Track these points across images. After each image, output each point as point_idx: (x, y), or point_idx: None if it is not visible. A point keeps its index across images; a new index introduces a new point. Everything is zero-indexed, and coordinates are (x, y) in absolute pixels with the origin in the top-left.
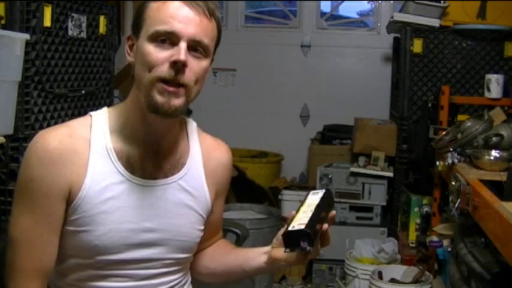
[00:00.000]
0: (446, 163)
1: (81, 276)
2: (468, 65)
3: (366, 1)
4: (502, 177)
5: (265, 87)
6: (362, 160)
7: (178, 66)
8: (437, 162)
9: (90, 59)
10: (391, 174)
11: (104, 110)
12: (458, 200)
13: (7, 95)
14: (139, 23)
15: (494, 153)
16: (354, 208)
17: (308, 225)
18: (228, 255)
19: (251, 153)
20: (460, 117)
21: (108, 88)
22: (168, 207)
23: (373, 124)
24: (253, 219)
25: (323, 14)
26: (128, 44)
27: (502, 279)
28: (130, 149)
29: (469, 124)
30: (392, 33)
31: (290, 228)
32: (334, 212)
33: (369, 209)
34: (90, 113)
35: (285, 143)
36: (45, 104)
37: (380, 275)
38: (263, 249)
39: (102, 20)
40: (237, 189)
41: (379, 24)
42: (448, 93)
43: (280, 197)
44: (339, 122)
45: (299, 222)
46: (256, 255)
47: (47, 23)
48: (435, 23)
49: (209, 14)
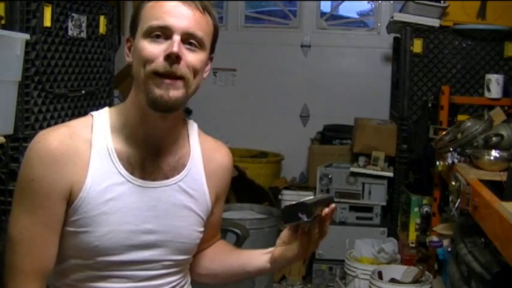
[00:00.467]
0: (446, 163)
1: (80, 277)
2: (468, 65)
3: (366, 1)
4: (502, 177)
5: (265, 87)
6: (362, 160)
7: (172, 58)
8: (437, 162)
9: (90, 59)
10: (391, 174)
11: (105, 110)
12: (458, 200)
13: (7, 95)
14: (135, 24)
15: (494, 153)
16: (354, 208)
17: (306, 200)
18: (228, 256)
19: (251, 153)
20: (460, 117)
21: (108, 88)
22: (168, 208)
23: (373, 124)
24: (253, 219)
25: (323, 14)
26: (127, 45)
27: (502, 279)
28: (131, 150)
29: (469, 124)
30: (392, 33)
31: (288, 204)
32: (334, 205)
33: (368, 209)
34: (92, 113)
35: (285, 143)
36: (45, 104)
37: (380, 275)
38: (266, 250)
39: (102, 20)
40: (237, 189)
41: (379, 24)
42: (448, 93)
43: (280, 197)
44: (339, 122)
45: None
46: (259, 255)
47: (47, 23)
48: (435, 23)
49: (202, 9)
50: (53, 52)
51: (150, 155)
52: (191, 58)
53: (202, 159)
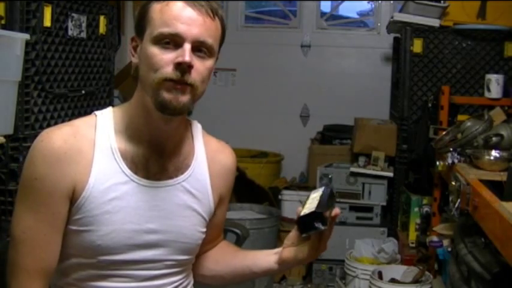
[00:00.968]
0: (446, 163)
1: (82, 276)
2: (468, 65)
3: (366, 1)
4: (502, 177)
5: (265, 87)
6: (362, 160)
7: (183, 67)
8: (437, 162)
9: (90, 59)
10: (391, 174)
11: (109, 109)
12: (458, 200)
13: (7, 95)
14: (142, 25)
15: (494, 153)
16: (354, 208)
17: (318, 207)
18: (234, 257)
19: (251, 153)
20: (460, 117)
21: (108, 88)
22: (171, 208)
23: (373, 124)
24: (253, 219)
25: (323, 14)
26: (132, 45)
27: (502, 279)
28: (135, 150)
29: (469, 124)
30: (392, 33)
31: (301, 214)
32: (338, 210)
33: (368, 209)
34: (95, 113)
35: (285, 143)
36: (45, 104)
37: (380, 275)
38: (273, 250)
39: (102, 20)
40: (237, 189)
41: (379, 24)
42: (448, 93)
43: (280, 197)
44: (339, 122)
45: (308, 209)
46: (266, 256)
47: (47, 23)
48: (435, 23)
49: (212, 13)
50: (53, 52)
51: (155, 155)
52: (201, 67)
53: (206, 160)
